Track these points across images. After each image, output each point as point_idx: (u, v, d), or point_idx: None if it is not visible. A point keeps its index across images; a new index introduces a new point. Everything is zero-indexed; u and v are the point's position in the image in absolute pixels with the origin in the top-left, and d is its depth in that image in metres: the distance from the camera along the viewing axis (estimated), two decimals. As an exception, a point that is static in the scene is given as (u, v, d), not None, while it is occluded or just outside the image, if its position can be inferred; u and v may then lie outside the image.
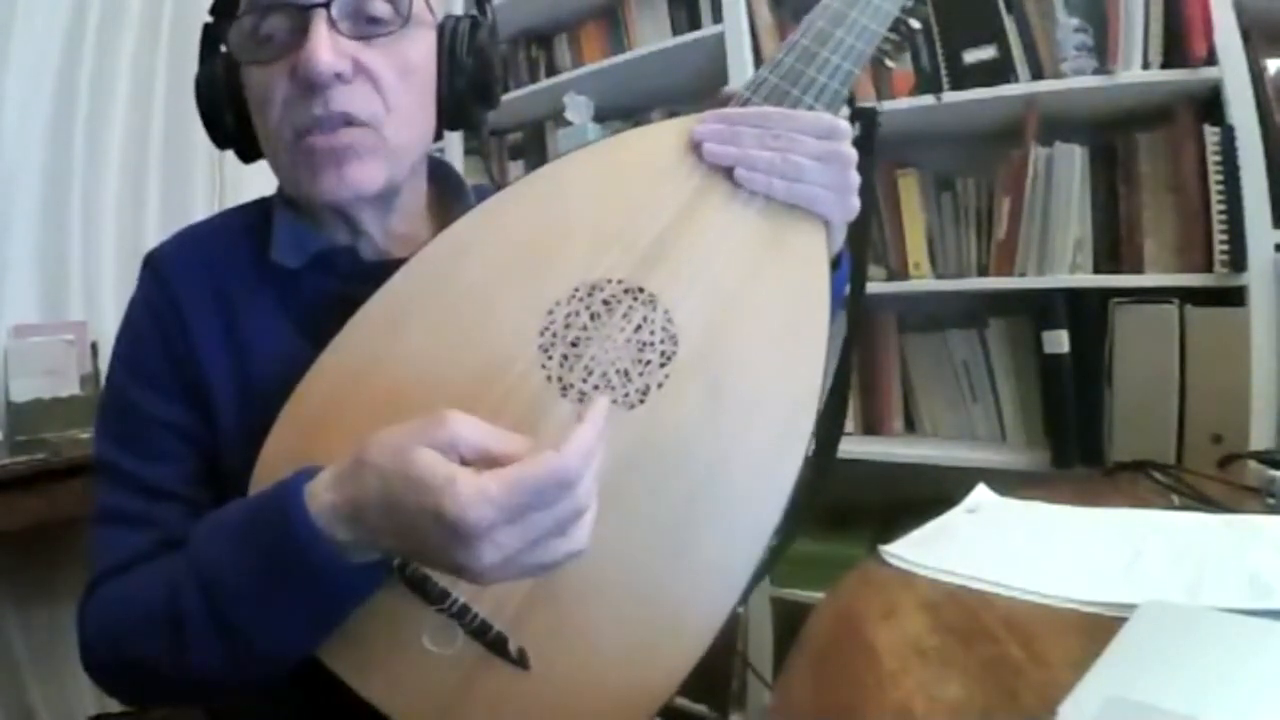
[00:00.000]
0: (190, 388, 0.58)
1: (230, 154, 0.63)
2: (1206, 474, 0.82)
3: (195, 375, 0.58)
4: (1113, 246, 1.22)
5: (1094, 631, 0.46)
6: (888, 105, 1.30)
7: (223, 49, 0.59)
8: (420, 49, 0.59)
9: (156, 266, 0.61)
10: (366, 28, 0.55)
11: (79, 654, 0.54)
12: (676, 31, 1.59)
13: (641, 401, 0.51)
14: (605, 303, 0.53)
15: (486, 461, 0.41)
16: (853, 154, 0.56)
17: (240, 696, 0.62)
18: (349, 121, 0.54)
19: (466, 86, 0.61)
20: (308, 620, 0.47)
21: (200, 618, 0.47)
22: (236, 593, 0.46)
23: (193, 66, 0.60)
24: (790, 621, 1.37)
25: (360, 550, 0.44)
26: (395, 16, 0.56)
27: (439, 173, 0.68)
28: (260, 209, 0.64)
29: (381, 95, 0.56)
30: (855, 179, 0.57)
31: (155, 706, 0.58)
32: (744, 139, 0.56)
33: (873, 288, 1.31)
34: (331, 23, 0.53)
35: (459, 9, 1.47)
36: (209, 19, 0.60)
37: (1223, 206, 1.09)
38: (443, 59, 0.60)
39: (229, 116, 0.59)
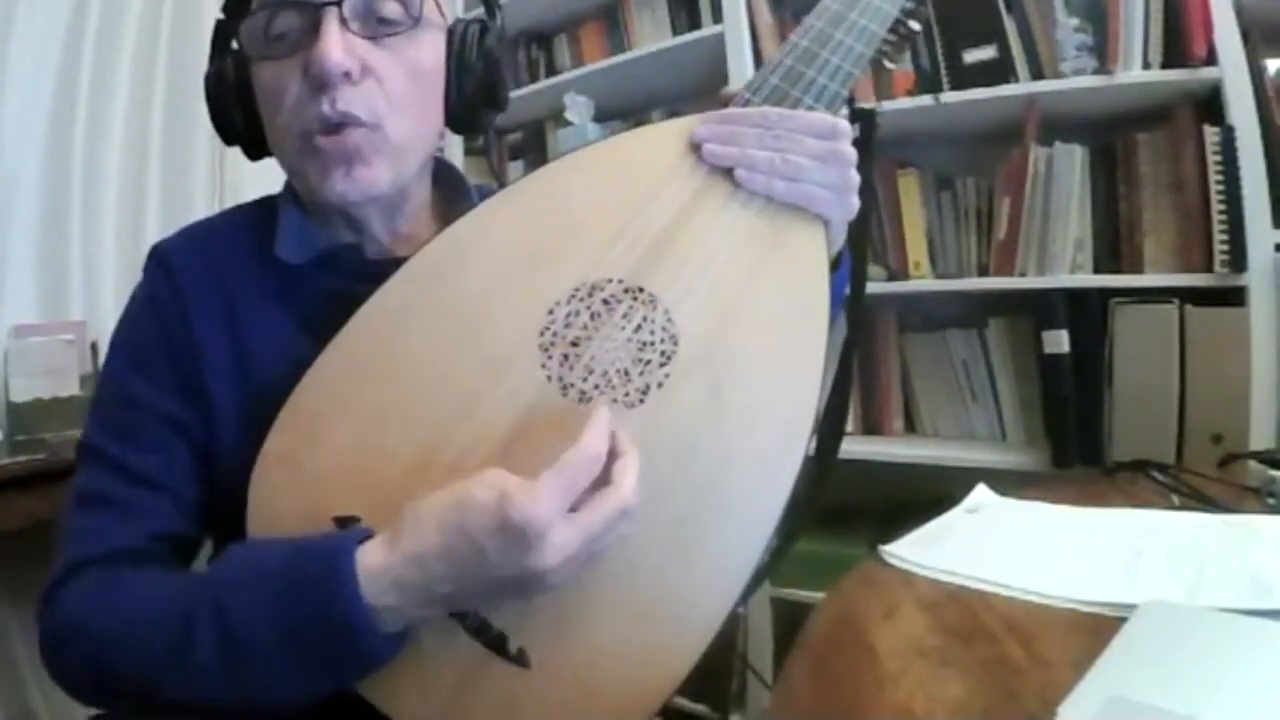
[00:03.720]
0: (188, 382, 0.57)
1: (230, 154, 0.63)
2: (1206, 474, 0.82)
3: (194, 369, 0.57)
4: (1113, 246, 1.22)
5: (1094, 631, 0.46)
6: (887, 105, 1.30)
7: (234, 46, 0.59)
8: (430, 50, 0.59)
9: (162, 259, 0.61)
10: (377, 27, 0.56)
11: (38, 639, 0.52)
12: (676, 32, 1.58)
13: (641, 401, 0.51)
14: (605, 302, 0.53)
15: None
16: (852, 153, 0.57)
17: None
18: (350, 121, 0.55)
19: (475, 89, 0.62)
20: (320, 680, 0.47)
21: (208, 653, 0.46)
22: (255, 642, 0.46)
23: (193, 66, 0.61)
24: (790, 621, 1.36)
25: (400, 616, 0.45)
26: (406, 18, 0.56)
27: (443, 174, 0.69)
28: (265, 207, 0.65)
29: (385, 94, 0.56)
30: (855, 179, 0.57)
31: (105, 708, 0.56)
32: (744, 139, 0.56)
33: (873, 288, 1.31)
34: (343, 21, 0.54)
35: (460, 11, 1.47)
36: (220, 16, 0.60)
37: (1223, 206, 1.09)
38: (451, 61, 0.61)
39: (238, 113, 0.60)
